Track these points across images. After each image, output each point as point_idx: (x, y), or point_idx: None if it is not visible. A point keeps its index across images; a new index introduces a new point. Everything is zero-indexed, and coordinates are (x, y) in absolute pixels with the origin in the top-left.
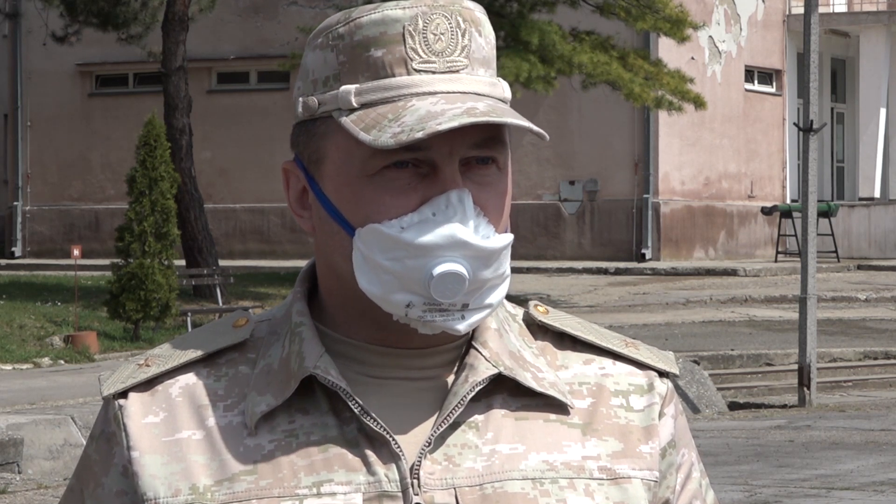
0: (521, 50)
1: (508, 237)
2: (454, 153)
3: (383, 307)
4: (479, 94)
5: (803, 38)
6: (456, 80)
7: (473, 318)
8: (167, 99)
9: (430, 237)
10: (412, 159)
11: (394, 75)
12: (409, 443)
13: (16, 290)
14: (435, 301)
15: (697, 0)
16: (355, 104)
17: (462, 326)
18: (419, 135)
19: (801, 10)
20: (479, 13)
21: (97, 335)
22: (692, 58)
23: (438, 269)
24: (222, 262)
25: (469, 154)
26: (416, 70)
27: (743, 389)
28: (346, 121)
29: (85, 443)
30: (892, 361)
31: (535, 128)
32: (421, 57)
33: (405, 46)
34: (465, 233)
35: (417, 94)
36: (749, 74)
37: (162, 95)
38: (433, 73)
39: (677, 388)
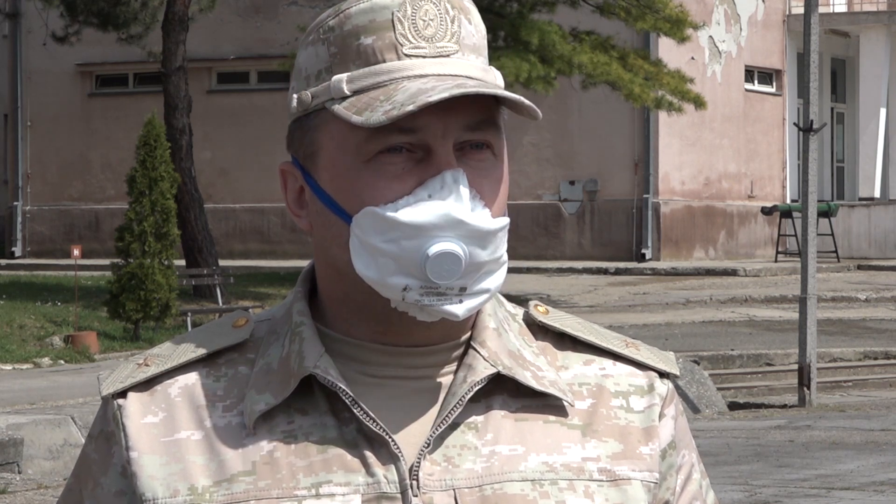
0: (521, 50)
1: (504, 220)
2: (447, 135)
3: (380, 291)
4: (470, 77)
5: (803, 38)
6: (447, 64)
7: (471, 303)
8: (167, 99)
9: (425, 217)
10: (406, 143)
11: (385, 61)
12: (409, 443)
13: (16, 290)
14: (432, 283)
15: (697, 0)
16: (347, 91)
17: (460, 311)
18: (410, 107)
19: (801, 10)
20: (467, 2)
21: (97, 335)
22: (692, 58)
23: (434, 249)
24: (222, 262)
25: (463, 137)
26: (406, 55)
27: (743, 389)
28: (339, 108)
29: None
30: (892, 361)
31: (527, 102)
32: (411, 42)
33: (395, 32)
34: (461, 211)
35: (408, 77)
36: (749, 74)
37: (162, 95)
38: (423, 57)
39: (678, 388)
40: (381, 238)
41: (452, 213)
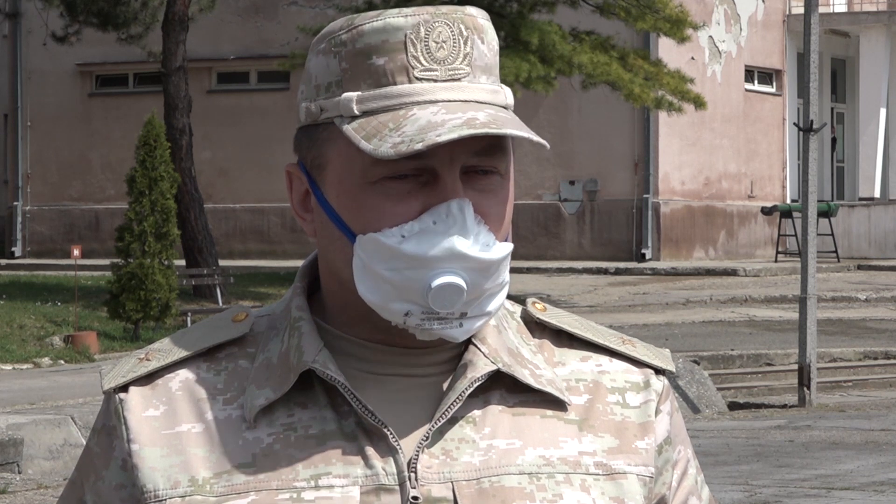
0: (521, 50)
1: (508, 247)
2: (455, 162)
3: (382, 314)
4: (480, 103)
5: (803, 38)
6: (457, 89)
7: (471, 326)
8: (167, 99)
9: (429, 250)
10: (413, 169)
11: (395, 83)
12: (408, 437)
13: (16, 290)
14: (433, 311)
15: (697, 0)
16: (357, 112)
17: (460, 334)
18: (419, 146)
19: (801, 10)
20: (482, 20)
21: (97, 335)
22: (692, 58)
23: (437, 282)
24: (222, 262)
25: (470, 162)
26: (417, 78)
27: (743, 389)
28: (348, 128)
29: (85, 441)
30: (892, 361)
31: (536, 137)
32: (422, 65)
33: (407, 55)
34: (465, 245)
35: (418, 103)
36: (749, 74)
37: (162, 95)
38: (435, 81)
39: (676, 387)
40: (385, 266)
41: (457, 246)
